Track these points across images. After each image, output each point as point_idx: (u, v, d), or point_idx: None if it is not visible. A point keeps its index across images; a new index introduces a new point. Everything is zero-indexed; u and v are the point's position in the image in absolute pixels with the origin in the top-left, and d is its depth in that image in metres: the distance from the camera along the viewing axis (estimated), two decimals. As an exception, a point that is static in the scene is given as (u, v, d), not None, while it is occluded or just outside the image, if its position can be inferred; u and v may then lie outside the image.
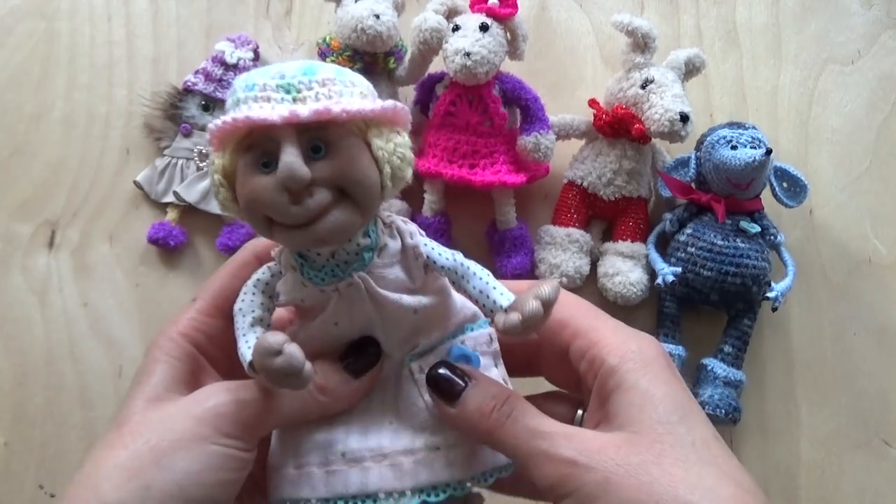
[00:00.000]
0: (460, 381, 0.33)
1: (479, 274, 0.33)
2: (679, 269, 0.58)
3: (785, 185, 0.60)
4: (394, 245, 0.33)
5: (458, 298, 0.36)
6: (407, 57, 0.60)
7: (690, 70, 0.61)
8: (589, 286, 0.62)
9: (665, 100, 0.57)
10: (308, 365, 0.29)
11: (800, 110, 0.67)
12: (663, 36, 0.63)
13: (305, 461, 0.34)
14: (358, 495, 0.33)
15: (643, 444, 0.29)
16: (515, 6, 0.58)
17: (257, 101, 0.29)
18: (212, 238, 0.63)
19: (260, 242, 0.36)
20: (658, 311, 0.61)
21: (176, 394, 0.33)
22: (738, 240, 0.58)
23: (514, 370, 0.37)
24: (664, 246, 0.62)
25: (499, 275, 0.61)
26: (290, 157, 0.28)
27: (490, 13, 0.58)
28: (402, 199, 0.61)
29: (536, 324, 0.30)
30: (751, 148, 0.57)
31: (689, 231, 0.60)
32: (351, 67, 0.58)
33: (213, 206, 0.62)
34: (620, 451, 0.29)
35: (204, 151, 0.62)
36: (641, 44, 0.60)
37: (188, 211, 0.62)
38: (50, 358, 0.61)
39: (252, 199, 0.29)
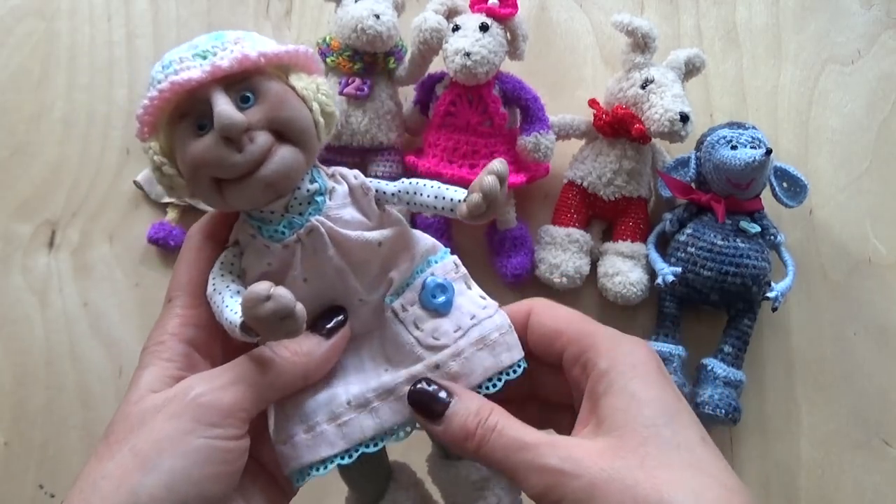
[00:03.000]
0: (442, 399, 0.33)
1: (429, 184, 0.34)
2: (679, 269, 0.58)
3: (785, 185, 0.60)
4: (341, 188, 0.34)
5: (417, 235, 0.36)
6: (407, 57, 0.60)
7: (690, 70, 0.61)
8: (589, 286, 0.62)
9: (665, 100, 0.57)
10: (300, 305, 0.29)
11: (800, 110, 0.67)
12: (663, 36, 0.63)
13: (314, 422, 0.34)
14: (376, 436, 0.34)
15: (628, 448, 0.30)
16: (515, 6, 0.58)
17: (177, 74, 0.30)
18: (212, 238, 0.63)
19: (202, 222, 0.36)
20: (658, 311, 0.61)
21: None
22: (738, 240, 0.58)
23: (503, 393, 0.37)
24: (664, 246, 0.62)
25: (499, 275, 0.61)
26: (223, 106, 0.29)
27: (490, 13, 0.58)
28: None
29: (496, 197, 0.31)
30: (751, 148, 0.57)
31: (689, 231, 0.60)
32: (351, 67, 0.59)
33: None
34: (604, 456, 0.29)
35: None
36: (641, 44, 0.60)
37: (188, 211, 0.62)
38: (50, 358, 0.61)
39: (195, 162, 0.30)
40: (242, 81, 0.30)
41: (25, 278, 0.62)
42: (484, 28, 0.56)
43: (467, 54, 0.55)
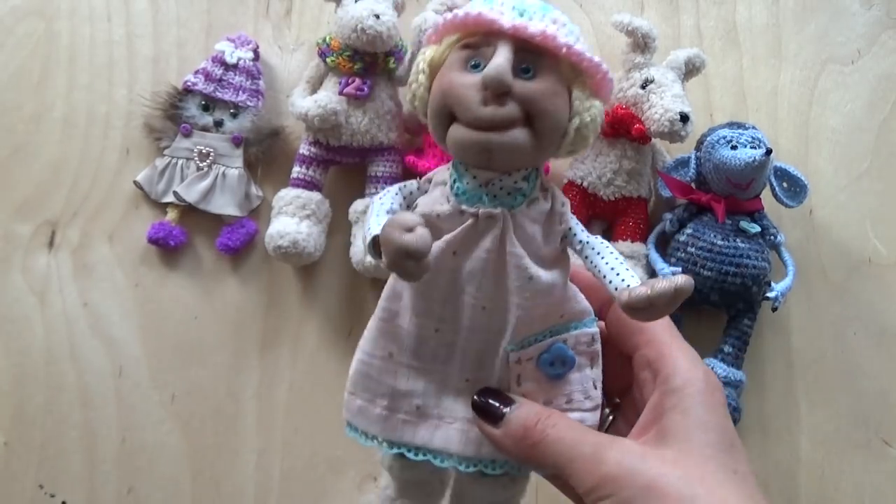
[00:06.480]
0: (503, 405, 0.34)
1: (615, 254, 0.34)
2: (679, 270, 0.58)
3: (785, 185, 0.60)
4: (544, 205, 0.34)
5: (570, 293, 0.35)
6: (407, 57, 0.60)
7: (690, 70, 0.61)
8: (589, 286, 0.62)
9: (665, 100, 0.57)
10: (431, 258, 0.30)
11: (800, 110, 0.67)
12: (663, 36, 0.63)
13: (380, 402, 0.36)
14: (420, 447, 0.35)
15: (690, 463, 0.30)
16: (515, 6, 0.58)
17: (490, 11, 0.31)
18: (212, 238, 0.63)
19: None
20: (658, 311, 0.61)
21: None
22: (738, 240, 0.58)
23: None
24: (664, 246, 0.62)
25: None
26: (502, 60, 0.30)
27: (490, 13, 0.57)
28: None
29: (662, 305, 0.30)
30: (751, 148, 0.57)
31: (689, 231, 0.60)
32: (351, 67, 0.59)
33: (213, 206, 0.62)
34: (666, 463, 0.30)
35: (204, 151, 0.62)
36: (641, 44, 0.60)
37: (188, 211, 0.62)
38: (50, 358, 0.61)
39: (449, 88, 0.31)
40: (535, 55, 0.31)
41: (25, 278, 0.62)
42: (484, 28, 0.56)
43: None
